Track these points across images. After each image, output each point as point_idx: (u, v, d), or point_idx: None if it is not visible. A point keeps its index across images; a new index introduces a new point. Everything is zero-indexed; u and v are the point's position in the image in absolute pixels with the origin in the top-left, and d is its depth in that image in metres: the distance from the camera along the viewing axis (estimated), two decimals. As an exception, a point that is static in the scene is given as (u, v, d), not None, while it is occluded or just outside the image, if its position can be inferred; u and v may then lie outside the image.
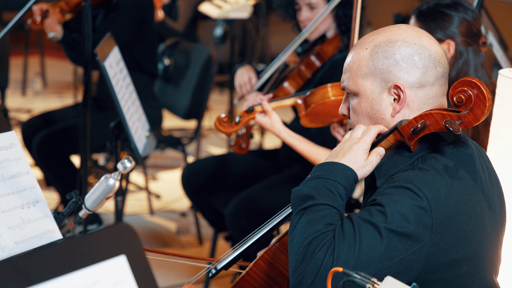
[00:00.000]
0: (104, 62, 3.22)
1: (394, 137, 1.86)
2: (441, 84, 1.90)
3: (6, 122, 2.17)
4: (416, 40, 1.89)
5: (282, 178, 3.59)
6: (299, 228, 1.78)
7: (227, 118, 3.10)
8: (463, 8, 2.89)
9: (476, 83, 1.77)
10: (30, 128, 4.41)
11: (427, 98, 1.89)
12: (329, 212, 1.78)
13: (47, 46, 8.04)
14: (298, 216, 1.80)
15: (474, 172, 1.87)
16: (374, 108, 1.91)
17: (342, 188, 1.82)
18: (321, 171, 1.85)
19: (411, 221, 1.74)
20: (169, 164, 5.79)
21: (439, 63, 1.89)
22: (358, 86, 1.92)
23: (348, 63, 1.95)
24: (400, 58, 1.87)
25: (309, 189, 1.82)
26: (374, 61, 1.89)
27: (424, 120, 1.81)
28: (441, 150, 1.86)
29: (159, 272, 4.05)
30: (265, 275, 1.96)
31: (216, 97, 7.56)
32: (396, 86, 1.88)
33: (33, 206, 2.07)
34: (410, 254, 1.75)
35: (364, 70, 1.91)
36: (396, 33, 1.91)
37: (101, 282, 1.31)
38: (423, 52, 1.88)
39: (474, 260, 1.83)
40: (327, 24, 3.52)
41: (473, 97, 1.78)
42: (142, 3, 4.39)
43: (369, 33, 1.97)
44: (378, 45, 1.90)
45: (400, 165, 1.86)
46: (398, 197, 1.76)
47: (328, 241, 1.73)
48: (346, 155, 1.85)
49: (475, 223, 1.83)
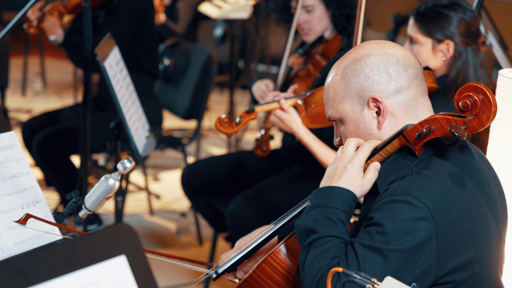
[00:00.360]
0: (104, 62, 3.22)
1: (399, 141, 1.86)
2: (417, 85, 1.92)
3: (6, 122, 2.17)
4: (379, 50, 1.92)
5: (282, 178, 3.59)
6: (307, 266, 1.81)
7: (227, 118, 3.09)
8: (462, 8, 2.89)
9: (482, 89, 1.77)
10: (30, 128, 4.41)
11: (407, 102, 1.90)
12: (332, 243, 1.80)
13: (47, 46, 8.04)
14: (305, 252, 1.83)
15: (475, 173, 1.87)
16: (360, 127, 1.93)
17: (342, 213, 1.83)
18: (319, 199, 1.86)
19: (413, 235, 1.74)
20: (169, 165, 5.79)
21: (408, 65, 1.91)
22: (340, 111, 1.95)
23: (325, 93, 1.99)
24: (369, 72, 1.90)
25: (310, 222, 1.83)
26: (346, 82, 1.93)
27: (429, 125, 1.81)
28: (442, 154, 1.86)
29: (159, 272, 4.05)
30: (268, 279, 1.96)
31: (216, 97, 7.56)
32: (373, 99, 1.90)
33: (33, 206, 2.08)
34: (419, 266, 1.76)
35: (341, 95, 1.94)
36: (358, 51, 1.94)
37: (101, 282, 1.31)
38: (390, 60, 1.90)
39: (484, 260, 1.85)
40: (324, 25, 3.52)
41: (479, 102, 1.77)
42: (141, 4, 4.39)
43: (337, 61, 2.00)
44: (346, 67, 1.93)
45: (400, 170, 1.86)
46: (396, 213, 1.76)
47: (335, 276, 1.74)
48: (342, 177, 1.87)
49: (481, 223, 1.83)
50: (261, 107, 3.09)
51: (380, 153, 1.88)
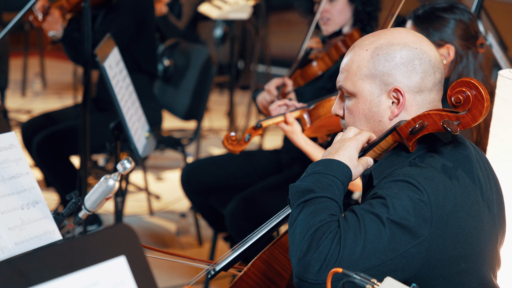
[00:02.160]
0: (104, 63, 3.22)
1: (393, 137, 1.86)
2: (438, 89, 1.91)
3: (6, 122, 2.17)
4: (417, 44, 1.89)
5: (282, 178, 3.59)
6: (301, 219, 1.77)
7: (235, 137, 3.05)
8: (460, 11, 2.88)
9: (475, 84, 1.78)
10: (30, 129, 4.40)
11: (424, 103, 1.89)
12: (330, 203, 1.79)
13: (47, 46, 8.04)
14: (299, 209, 1.79)
15: (472, 172, 1.87)
16: (372, 110, 1.90)
17: (340, 183, 1.82)
18: (318, 167, 1.85)
19: (412, 213, 1.74)
20: (168, 165, 5.79)
21: (438, 68, 1.90)
22: (357, 87, 1.91)
23: (346, 63, 1.94)
24: (401, 62, 1.87)
25: (309, 183, 1.81)
26: (375, 63, 1.89)
27: (422, 121, 1.81)
28: (439, 150, 1.86)
29: (158, 272, 4.05)
30: (263, 275, 1.96)
31: (215, 97, 7.56)
32: (396, 89, 1.87)
33: (33, 206, 2.07)
34: (411, 248, 1.75)
35: (364, 71, 1.90)
36: (397, 36, 1.90)
37: (101, 282, 1.31)
38: (424, 57, 1.88)
39: (472, 258, 1.84)
40: (345, 18, 3.52)
41: (471, 97, 1.78)
42: (142, 3, 4.39)
43: (367, 34, 1.97)
44: (379, 47, 1.89)
45: (397, 164, 1.86)
46: (399, 190, 1.76)
47: (334, 230, 1.73)
48: (339, 152, 1.85)
49: (473, 220, 1.83)
50: (267, 122, 3.10)
51: (374, 149, 1.88)
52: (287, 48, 7.86)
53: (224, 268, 2.13)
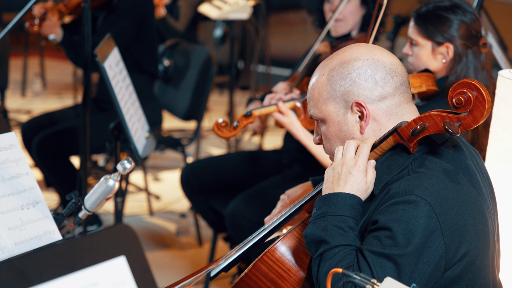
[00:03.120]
0: (103, 63, 3.22)
1: (394, 139, 1.87)
2: (402, 92, 1.92)
3: (6, 123, 2.17)
4: (368, 55, 1.91)
5: (282, 178, 3.59)
6: (321, 278, 1.80)
7: (224, 122, 3.09)
8: (462, 11, 2.87)
9: (476, 85, 1.78)
10: (30, 129, 4.41)
11: (391, 109, 1.90)
12: (344, 252, 1.80)
13: (47, 47, 8.04)
14: (317, 262, 1.82)
15: (468, 170, 1.88)
16: (342, 130, 1.93)
17: (351, 220, 1.83)
18: (325, 207, 1.85)
19: (420, 234, 1.75)
20: (168, 165, 5.79)
21: (395, 73, 1.91)
22: (323, 112, 1.94)
23: (309, 92, 1.98)
24: (356, 76, 1.90)
25: (320, 232, 1.83)
26: (332, 84, 1.92)
27: (423, 122, 1.81)
28: (434, 151, 1.87)
29: (158, 273, 4.05)
30: (264, 277, 1.96)
31: (215, 98, 7.56)
32: (357, 103, 1.90)
33: (33, 207, 2.07)
34: (430, 266, 1.77)
35: (325, 95, 1.93)
36: (347, 53, 1.94)
37: (101, 283, 1.31)
38: (377, 66, 1.90)
39: (484, 254, 1.85)
40: (355, 21, 3.49)
41: (473, 99, 1.78)
42: (142, 4, 4.39)
43: (323, 60, 1.99)
44: (333, 69, 1.93)
45: (394, 170, 1.86)
46: (401, 214, 1.77)
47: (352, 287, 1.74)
48: (348, 183, 1.85)
49: (479, 216, 1.84)
50: (259, 111, 3.09)
51: (375, 150, 1.89)
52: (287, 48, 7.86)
53: (224, 269, 2.13)
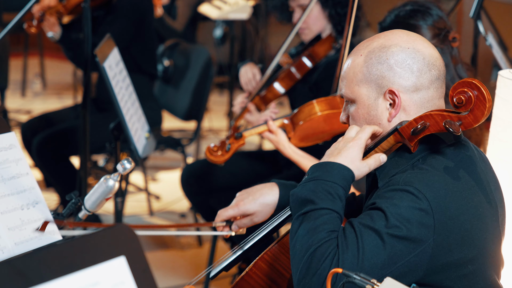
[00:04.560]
0: (103, 63, 3.22)
1: (395, 138, 1.86)
2: (436, 87, 1.90)
3: (6, 123, 2.17)
4: (409, 44, 1.89)
5: (281, 179, 3.58)
6: (300, 235, 1.77)
7: (216, 147, 3.13)
8: (422, 14, 2.83)
9: (477, 84, 1.78)
10: (30, 129, 4.41)
11: (423, 102, 1.89)
12: (330, 217, 1.78)
13: (47, 47, 8.04)
14: (299, 221, 1.80)
15: (475, 173, 1.87)
16: (371, 114, 1.91)
17: (341, 189, 1.81)
18: (318, 172, 1.84)
19: (413, 223, 1.74)
20: (168, 165, 5.79)
21: (433, 66, 1.89)
22: (355, 93, 1.93)
23: (344, 71, 1.96)
24: (394, 63, 1.88)
25: (308, 192, 1.81)
26: (369, 67, 1.90)
27: (424, 121, 1.81)
28: (442, 151, 1.86)
29: (158, 273, 4.05)
30: (265, 276, 1.96)
31: (215, 98, 7.56)
32: (390, 91, 1.88)
33: (33, 207, 2.07)
34: (413, 257, 1.75)
35: (359, 77, 1.91)
36: (389, 38, 1.92)
37: (101, 283, 1.31)
38: (417, 56, 1.88)
39: (478, 260, 1.84)
40: (321, 25, 3.51)
41: (473, 98, 1.78)
42: (141, 4, 4.39)
43: (365, 39, 1.98)
44: (371, 51, 1.91)
45: (401, 166, 1.86)
46: (398, 200, 1.76)
47: (333, 251, 1.73)
48: (341, 154, 1.85)
49: (478, 222, 1.83)
50: (249, 132, 3.12)
51: (375, 149, 1.88)
52: (287, 48, 7.84)
53: (225, 268, 2.13)
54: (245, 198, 2.24)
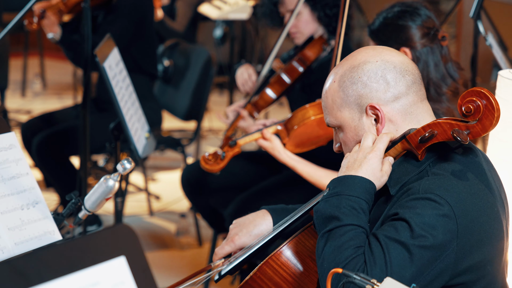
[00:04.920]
0: (103, 63, 3.22)
1: (402, 145, 1.86)
2: (415, 90, 1.91)
3: (6, 123, 2.17)
4: (376, 57, 1.91)
5: (282, 179, 3.59)
6: (327, 253, 1.77)
7: (211, 156, 3.13)
8: (410, 14, 2.83)
9: (485, 94, 1.77)
10: (30, 129, 4.40)
11: (405, 108, 1.90)
12: (355, 232, 1.77)
13: (47, 47, 8.04)
14: (324, 238, 1.79)
15: (484, 175, 1.87)
16: (359, 134, 1.92)
17: (364, 203, 1.81)
18: (340, 186, 1.83)
19: (438, 230, 1.74)
20: (168, 165, 5.79)
21: (406, 71, 1.90)
22: (338, 118, 1.94)
23: (323, 100, 1.98)
24: (367, 79, 1.89)
25: (332, 208, 1.80)
26: (344, 90, 1.91)
27: (432, 129, 1.81)
28: (450, 156, 1.86)
29: (158, 273, 4.05)
30: (269, 280, 1.96)
31: (215, 98, 7.56)
32: (371, 106, 1.89)
33: (33, 207, 2.07)
34: (439, 263, 1.75)
35: (338, 102, 1.93)
36: (356, 57, 1.93)
37: (101, 283, 1.31)
38: (387, 66, 1.89)
39: (496, 260, 1.85)
40: (312, 28, 3.52)
41: (482, 107, 1.77)
42: (141, 4, 4.39)
43: (334, 67, 2.00)
44: (343, 75, 1.92)
45: (411, 172, 1.85)
46: (421, 209, 1.75)
47: (361, 267, 1.73)
48: (362, 166, 1.84)
49: (495, 222, 1.83)
50: (243, 140, 3.13)
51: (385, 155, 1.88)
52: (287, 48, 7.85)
53: (230, 271, 2.13)
54: (239, 231, 2.24)
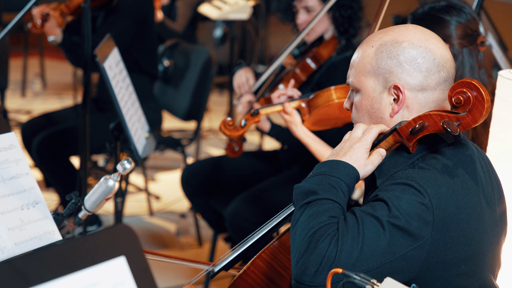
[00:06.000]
0: (103, 63, 3.22)
1: (393, 138, 1.87)
2: (443, 88, 1.90)
3: (6, 123, 2.17)
4: (422, 42, 1.88)
5: (282, 179, 3.59)
6: (302, 221, 1.78)
7: (232, 121, 3.11)
8: (457, 11, 2.87)
9: (475, 85, 1.78)
10: (30, 129, 4.41)
11: (427, 102, 1.89)
12: (332, 206, 1.79)
13: (47, 47, 8.04)
14: (301, 210, 1.80)
15: (475, 173, 1.87)
16: (374, 106, 1.91)
17: (344, 185, 1.82)
18: (323, 168, 1.85)
19: (413, 217, 1.74)
20: (168, 165, 5.79)
21: (443, 67, 1.89)
22: (361, 83, 1.93)
23: (354, 59, 1.96)
24: (403, 60, 1.88)
25: (312, 185, 1.82)
26: (378, 60, 1.90)
27: (422, 121, 1.81)
28: (441, 151, 1.86)
29: (158, 273, 4.05)
30: (263, 275, 1.96)
31: (215, 98, 7.56)
32: (396, 86, 1.88)
33: (33, 207, 2.07)
34: (411, 250, 1.75)
35: (368, 68, 1.91)
36: (403, 33, 1.90)
37: (101, 283, 1.31)
38: (428, 56, 1.87)
39: (473, 260, 1.84)
40: (324, 26, 3.52)
41: (472, 98, 1.78)
42: (141, 4, 4.39)
43: (378, 30, 1.97)
44: (383, 44, 1.90)
45: (400, 165, 1.86)
46: (400, 193, 1.76)
47: (332, 232, 1.74)
48: (347, 154, 1.86)
49: (475, 223, 1.83)
50: (265, 110, 3.11)
51: (374, 149, 1.89)
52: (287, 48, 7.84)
53: (224, 267, 2.13)
54: None
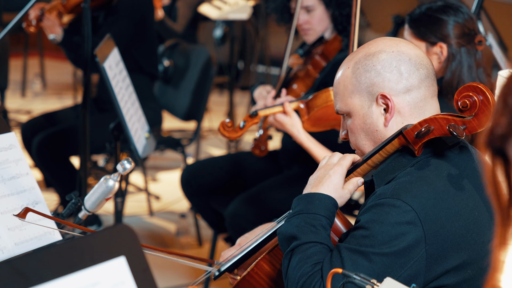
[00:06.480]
0: (103, 63, 3.22)
1: (399, 141, 1.87)
2: (427, 85, 1.91)
3: (6, 123, 2.17)
4: (393, 48, 1.91)
5: (282, 179, 3.59)
6: (290, 272, 1.82)
7: (231, 123, 3.09)
8: (454, 10, 2.87)
9: (481, 89, 1.78)
10: (30, 129, 4.40)
11: (416, 102, 1.90)
12: (314, 249, 1.81)
13: (47, 47, 8.04)
14: (287, 258, 1.84)
15: (474, 176, 1.87)
16: (367, 122, 1.93)
17: (324, 219, 1.84)
18: (300, 205, 1.87)
19: (400, 239, 1.74)
20: (168, 165, 5.79)
21: (420, 65, 1.91)
22: (348, 105, 1.94)
23: (335, 87, 1.98)
24: (381, 68, 1.90)
25: (292, 229, 1.85)
26: (357, 77, 1.92)
27: (428, 124, 1.81)
28: (441, 154, 1.86)
29: (158, 273, 4.05)
30: (267, 276, 1.96)
31: (215, 98, 7.56)
32: (382, 95, 1.90)
33: (33, 207, 2.08)
34: (406, 270, 1.76)
35: (350, 89, 1.93)
36: (372, 46, 1.94)
37: (101, 283, 1.31)
38: (402, 58, 1.89)
39: (478, 264, 1.84)
40: (324, 25, 3.52)
41: (478, 102, 1.78)
42: (141, 5, 4.39)
43: (349, 54, 2.00)
44: (358, 61, 1.93)
45: (397, 170, 1.86)
46: (384, 216, 1.76)
47: (317, 283, 1.76)
48: (323, 183, 1.88)
49: (474, 226, 1.82)
50: (264, 111, 3.10)
51: (380, 153, 1.89)
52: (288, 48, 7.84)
53: (229, 269, 2.13)
54: (248, 237, 2.25)
